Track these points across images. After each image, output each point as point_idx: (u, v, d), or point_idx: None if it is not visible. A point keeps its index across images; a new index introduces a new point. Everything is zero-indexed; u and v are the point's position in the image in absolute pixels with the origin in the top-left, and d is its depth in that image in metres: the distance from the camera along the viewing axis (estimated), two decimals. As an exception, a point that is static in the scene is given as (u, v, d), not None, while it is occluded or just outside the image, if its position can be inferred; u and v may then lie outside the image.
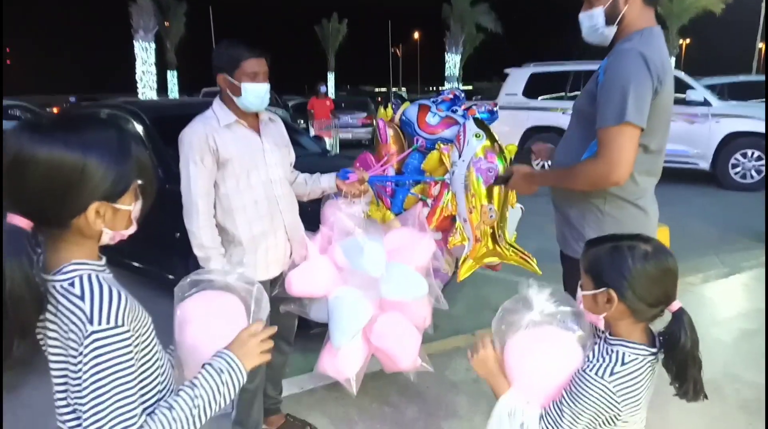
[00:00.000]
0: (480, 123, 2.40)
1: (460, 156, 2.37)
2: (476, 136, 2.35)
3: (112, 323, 0.93)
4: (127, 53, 18.63)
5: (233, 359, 1.11)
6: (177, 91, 24.14)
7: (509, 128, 8.93)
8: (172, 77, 24.05)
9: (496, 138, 2.37)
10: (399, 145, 2.77)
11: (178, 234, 3.00)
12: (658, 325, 1.33)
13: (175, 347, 1.26)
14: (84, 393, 0.91)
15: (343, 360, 2.15)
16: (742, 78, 11.13)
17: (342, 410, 2.70)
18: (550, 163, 2.19)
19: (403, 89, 43.62)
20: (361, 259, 2.15)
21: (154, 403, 1.04)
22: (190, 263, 2.73)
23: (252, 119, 2.17)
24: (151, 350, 1.04)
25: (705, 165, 8.35)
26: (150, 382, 1.04)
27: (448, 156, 2.48)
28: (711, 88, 9.15)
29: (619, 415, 1.28)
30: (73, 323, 0.93)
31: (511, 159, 2.35)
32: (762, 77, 10.91)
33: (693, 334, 1.25)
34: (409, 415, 2.68)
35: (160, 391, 1.06)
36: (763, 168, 8.06)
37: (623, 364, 1.27)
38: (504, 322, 1.41)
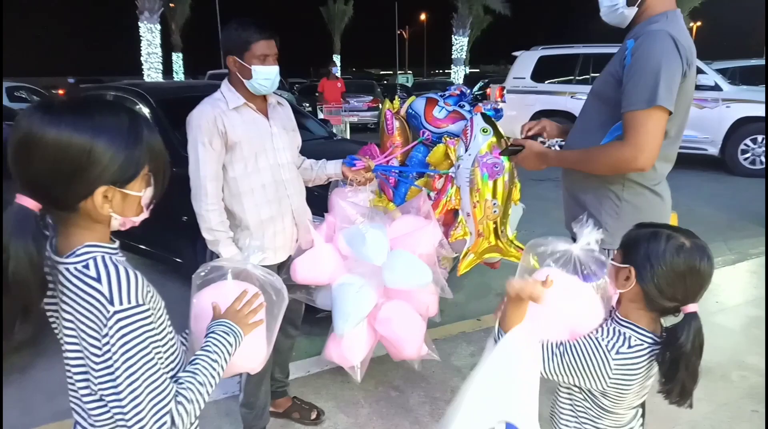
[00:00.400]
0: (487, 118, 2.40)
1: (466, 150, 2.37)
2: (483, 130, 2.36)
3: (133, 302, 0.94)
4: (131, 35, 18.55)
5: (232, 324, 1.19)
6: (182, 74, 24.03)
7: (516, 112, 8.83)
8: (177, 59, 23.93)
9: (503, 134, 2.37)
10: (404, 137, 2.77)
11: (186, 217, 3.01)
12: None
13: (190, 332, 1.27)
14: (117, 373, 0.93)
15: (348, 348, 2.16)
16: (753, 62, 10.94)
17: (348, 393, 2.73)
18: (557, 144, 2.15)
19: (410, 73, 43.15)
20: (363, 248, 2.15)
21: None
22: (198, 247, 2.74)
23: (260, 102, 2.15)
24: (165, 334, 1.05)
25: (714, 150, 8.24)
26: (165, 365, 1.04)
27: (453, 150, 2.48)
28: (722, 72, 9.00)
29: (602, 391, 1.30)
30: (91, 305, 0.93)
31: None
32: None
33: (696, 341, 1.22)
34: (415, 398, 2.70)
35: (172, 378, 1.07)
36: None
37: (630, 346, 1.28)
38: (535, 253, 1.43)
